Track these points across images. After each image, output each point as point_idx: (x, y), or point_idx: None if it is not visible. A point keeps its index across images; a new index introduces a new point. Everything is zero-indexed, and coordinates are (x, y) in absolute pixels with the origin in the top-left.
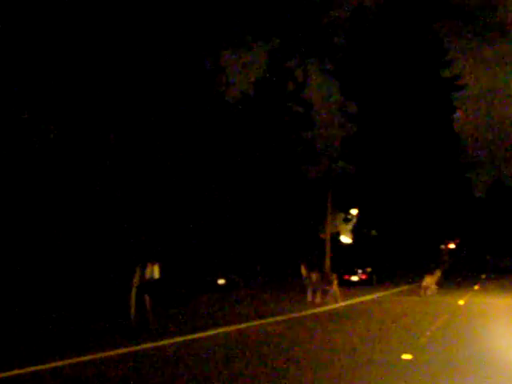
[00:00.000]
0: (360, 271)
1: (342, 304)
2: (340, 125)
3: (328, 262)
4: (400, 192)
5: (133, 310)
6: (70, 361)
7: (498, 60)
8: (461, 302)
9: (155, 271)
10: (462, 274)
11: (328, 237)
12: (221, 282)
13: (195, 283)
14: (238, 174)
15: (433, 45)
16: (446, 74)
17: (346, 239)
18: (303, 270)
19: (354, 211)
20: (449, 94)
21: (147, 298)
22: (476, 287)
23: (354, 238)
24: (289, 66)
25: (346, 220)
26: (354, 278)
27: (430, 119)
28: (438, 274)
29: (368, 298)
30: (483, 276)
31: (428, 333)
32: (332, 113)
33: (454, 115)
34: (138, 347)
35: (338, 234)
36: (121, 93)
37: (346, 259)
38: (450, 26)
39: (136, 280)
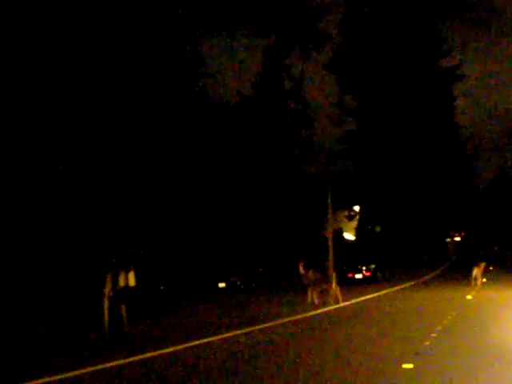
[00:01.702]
0: (364, 268)
1: (343, 304)
2: (339, 120)
3: (330, 260)
4: (403, 186)
5: (106, 322)
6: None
7: (497, 49)
8: (469, 297)
9: (130, 278)
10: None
11: (330, 234)
12: (221, 285)
13: (194, 288)
14: (236, 174)
15: (431, 34)
16: (446, 64)
17: (349, 236)
18: (301, 269)
19: (356, 208)
20: (448, 84)
21: (123, 307)
22: (484, 280)
23: (357, 235)
24: (285, 64)
25: (349, 217)
26: (358, 276)
27: (430, 110)
28: (482, 265)
29: (371, 296)
30: (491, 268)
31: (433, 334)
32: (330, 108)
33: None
34: (110, 363)
35: (341, 231)
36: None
37: (349, 257)
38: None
39: (108, 289)
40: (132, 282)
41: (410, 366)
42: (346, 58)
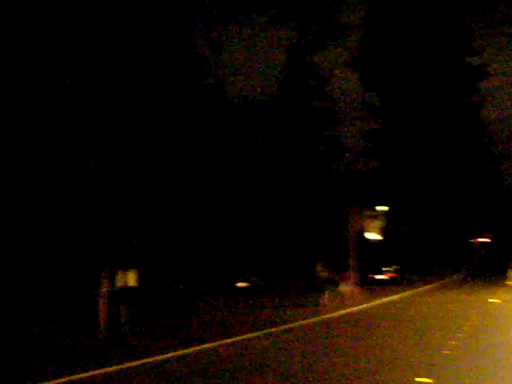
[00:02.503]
0: (386, 269)
1: (360, 306)
2: (364, 118)
3: (352, 260)
4: (429, 186)
5: (102, 324)
6: None
7: None
8: (492, 301)
9: (130, 278)
10: (494, 268)
11: (353, 234)
12: (241, 285)
13: (213, 287)
14: (258, 172)
15: (459, 31)
16: (473, 61)
17: (373, 236)
18: (319, 269)
19: (381, 207)
20: (475, 82)
21: (123, 308)
22: (510, 282)
23: (382, 235)
24: (310, 61)
25: (373, 217)
26: (380, 277)
27: (456, 109)
28: None
29: (392, 298)
30: None
31: (453, 342)
32: (356, 107)
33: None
34: (103, 370)
35: (364, 231)
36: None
37: (373, 257)
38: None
39: (104, 289)
40: (132, 281)
41: (425, 380)
42: (371, 55)
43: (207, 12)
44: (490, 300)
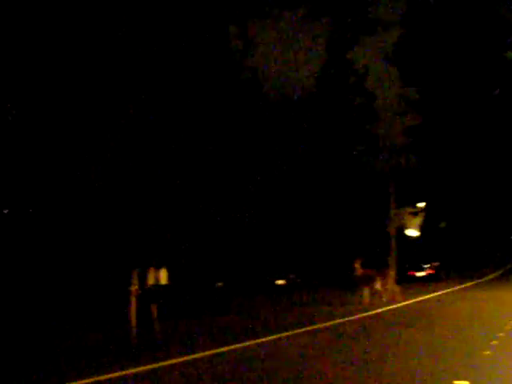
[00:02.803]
0: (427, 266)
1: (400, 304)
2: (403, 114)
3: (392, 257)
4: (469, 182)
5: (133, 323)
6: None
7: None
8: None
9: (161, 276)
10: None
11: (393, 231)
12: (280, 282)
13: (252, 285)
14: (298, 170)
15: (497, 25)
16: None
17: (413, 233)
18: (357, 267)
19: (421, 204)
20: None
21: (154, 307)
22: None
23: (421, 232)
24: (349, 58)
25: (414, 213)
26: (420, 274)
27: (494, 103)
28: None
29: (431, 296)
30: None
31: (494, 342)
32: (394, 102)
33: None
34: (133, 369)
35: (404, 228)
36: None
37: (412, 254)
38: None
39: (135, 287)
40: (163, 279)
41: (463, 383)
42: (410, 49)
43: (241, 6)
44: None
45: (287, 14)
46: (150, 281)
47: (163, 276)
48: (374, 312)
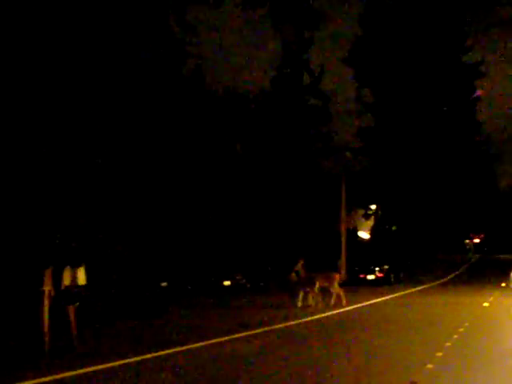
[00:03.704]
0: (376, 269)
1: (340, 310)
2: (357, 115)
3: (343, 260)
4: (422, 185)
5: (46, 327)
6: None
7: None
8: (486, 304)
9: (79, 276)
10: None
11: (344, 233)
12: (226, 283)
13: (197, 285)
14: (245, 168)
15: (454, 28)
16: (468, 60)
17: (364, 235)
18: (298, 269)
19: (374, 206)
20: (471, 81)
21: (71, 309)
22: (503, 284)
23: (372, 234)
24: (304, 58)
25: (366, 216)
26: (370, 277)
27: (451, 107)
28: None
29: (379, 300)
30: None
31: (438, 354)
32: (349, 103)
33: (475, 95)
34: (45, 378)
35: (356, 230)
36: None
37: (363, 256)
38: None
39: (47, 287)
40: (82, 280)
41: None
42: (365, 51)
43: None
44: (483, 304)
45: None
46: (66, 281)
47: (81, 275)
48: (309, 319)
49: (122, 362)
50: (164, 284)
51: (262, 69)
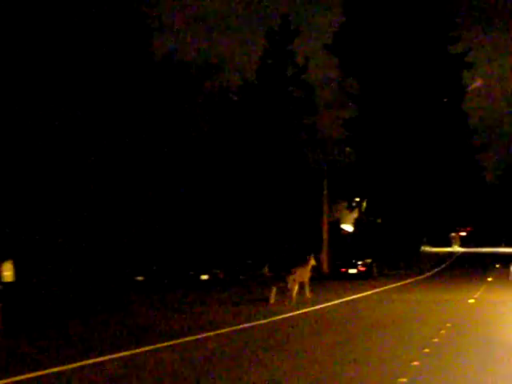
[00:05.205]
0: (359, 263)
1: (320, 306)
2: (342, 106)
3: (325, 254)
4: (407, 177)
5: None
6: None
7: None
8: (471, 301)
9: (5, 272)
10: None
11: (326, 226)
12: (204, 277)
13: (174, 279)
14: (229, 161)
15: (441, 18)
16: (456, 50)
17: (348, 228)
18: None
19: (357, 199)
20: (458, 71)
21: None
22: (490, 279)
23: (356, 227)
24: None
25: (350, 208)
26: (352, 271)
27: (437, 98)
28: None
29: (358, 295)
30: (497, 265)
31: (415, 363)
32: (333, 93)
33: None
34: None
35: (339, 222)
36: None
37: (346, 249)
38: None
39: None
40: (8, 277)
41: None
42: (350, 39)
43: None
44: (468, 300)
45: None
46: None
47: (8, 271)
48: (280, 317)
49: (51, 370)
50: (140, 278)
51: (248, 59)
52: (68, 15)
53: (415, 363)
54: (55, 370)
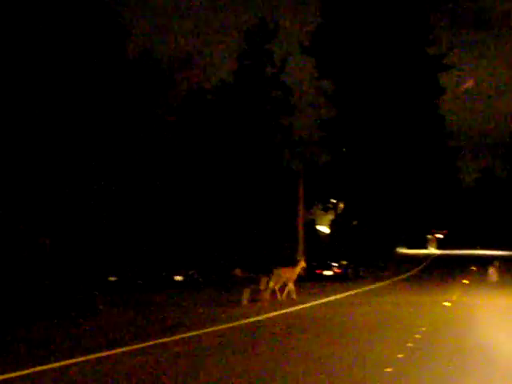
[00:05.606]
0: (335, 265)
1: (288, 310)
2: (318, 106)
3: (300, 255)
4: (384, 179)
5: None
6: None
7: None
8: (447, 304)
9: None
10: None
11: (301, 227)
12: (178, 278)
13: (148, 279)
14: (204, 161)
15: (419, 19)
16: (433, 53)
17: (324, 229)
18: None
19: (334, 200)
20: (435, 73)
21: None
22: (465, 281)
23: (332, 229)
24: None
25: (325, 209)
26: (327, 273)
27: (414, 100)
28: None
29: (333, 298)
30: (473, 268)
31: (388, 369)
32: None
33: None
34: None
35: (314, 223)
36: None
37: (322, 251)
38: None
39: None
40: None
41: None
42: (327, 40)
43: None
44: (444, 303)
45: None
46: None
47: None
48: (252, 319)
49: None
50: (113, 278)
51: (224, 58)
52: (41, 14)
53: (389, 370)
54: (13, 375)
